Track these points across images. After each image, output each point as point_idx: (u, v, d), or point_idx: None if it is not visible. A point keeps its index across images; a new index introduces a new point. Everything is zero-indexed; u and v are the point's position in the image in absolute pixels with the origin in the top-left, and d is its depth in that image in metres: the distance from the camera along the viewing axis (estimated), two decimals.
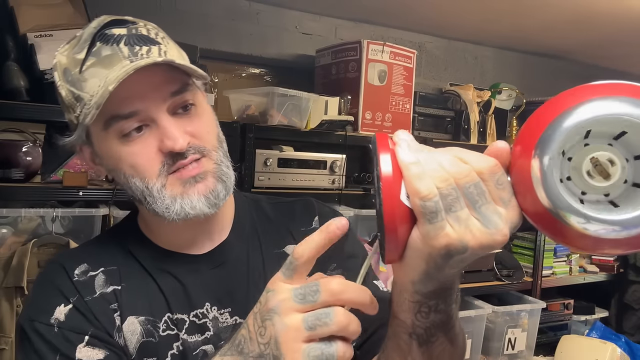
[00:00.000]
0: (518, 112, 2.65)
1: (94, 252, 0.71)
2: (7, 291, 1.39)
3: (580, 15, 2.17)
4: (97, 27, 0.64)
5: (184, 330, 0.68)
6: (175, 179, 0.64)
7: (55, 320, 0.64)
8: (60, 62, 0.64)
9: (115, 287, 0.68)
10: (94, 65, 0.61)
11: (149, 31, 0.66)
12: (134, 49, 0.61)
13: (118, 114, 0.62)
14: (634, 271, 2.92)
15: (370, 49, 2.01)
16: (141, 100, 0.62)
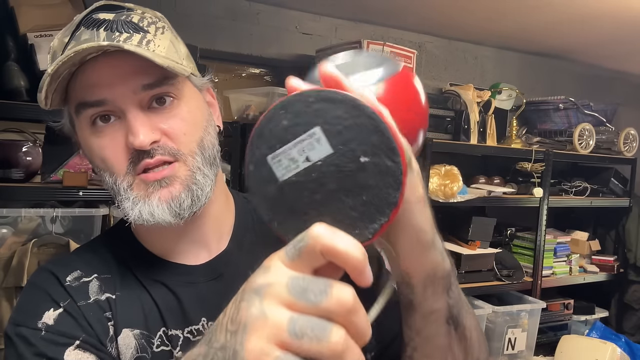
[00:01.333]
0: (518, 112, 2.65)
1: (86, 259, 0.66)
2: (7, 291, 1.39)
3: (581, 15, 2.17)
4: (88, 12, 0.62)
5: (178, 348, 0.63)
6: (141, 180, 0.59)
7: (43, 324, 0.59)
8: (53, 45, 0.63)
9: (109, 295, 0.63)
10: (70, 49, 0.57)
11: (142, 20, 0.61)
12: (112, 35, 0.57)
13: (85, 101, 0.58)
14: (634, 271, 2.92)
15: (370, 49, 2.01)
16: (109, 89, 0.57)
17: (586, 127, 2.66)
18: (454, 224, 2.43)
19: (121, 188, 0.60)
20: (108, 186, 0.61)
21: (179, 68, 0.59)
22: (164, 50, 0.60)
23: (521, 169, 2.50)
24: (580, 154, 2.67)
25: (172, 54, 0.61)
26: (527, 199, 2.51)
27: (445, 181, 2.18)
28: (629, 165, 2.92)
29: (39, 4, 1.58)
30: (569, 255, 2.74)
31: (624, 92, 3.35)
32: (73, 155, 1.63)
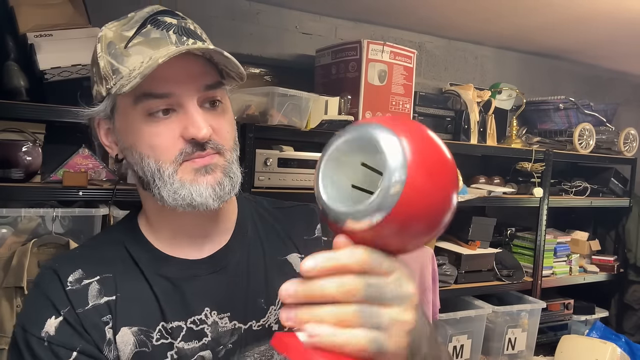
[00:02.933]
0: (518, 112, 2.65)
1: (91, 256, 0.70)
2: (7, 291, 1.39)
3: (580, 15, 2.17)
4: (150, 12, 0.67)
5: (180, 338, 0.67)
6: (188, 166, 0.65)
7: (46, 334, 0.63)
8: (106, 35, 0.67)
9: (109, 298, 0.67)
10: (140, 44, 0.64)
11: (196, 28, 0.68)
12: (181, 38, 0.64)
13: (152, 92, 0.63)
14: (634, 271, 2.92)
15: (370, 49, 2.01)
16: (177, 84, 0.63)
17: (586, 127, 2.66)
18: (454, 224, 2.41)
19: (165, 174, 0.65)
20: (148, 172, 0.66)
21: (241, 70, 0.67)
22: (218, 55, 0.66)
23: (521, 169, 2.50)
24: (580, 154, 2.67)
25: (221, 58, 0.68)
26: (527, 199, 2.51)
27: None
28: (629, 165, 2.92)
29: (39, 3, 1.58)
30: (569, 255, 2.74)
31: (624, 92, 3.35)
32: (73, 155, 1.63)
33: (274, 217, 0.80)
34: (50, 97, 1.50)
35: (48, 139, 1.62)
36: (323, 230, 0.80)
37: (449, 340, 2.18)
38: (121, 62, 0.64)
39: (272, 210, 0.81)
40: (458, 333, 2.20)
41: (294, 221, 0.80)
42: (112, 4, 1.93)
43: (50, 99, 1.50)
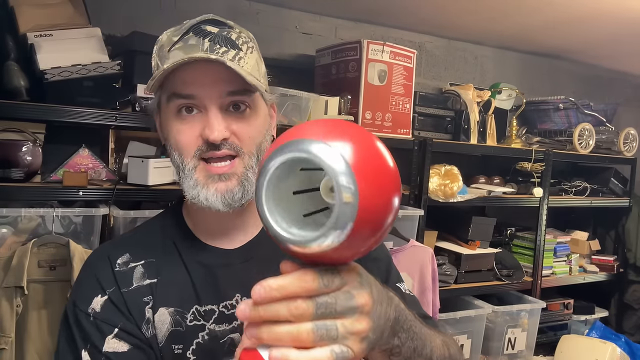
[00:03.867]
0: (518, 112, 2.65)
1: (138, 242, 0.78)
2: (7, 291, 1.39)
3: (581, 15, 2.17)
4: (197, 21, 0.75)
5: (212, 320, 0.74)
6: (204, 169, 0.72)
7: (92, 310, 0.71)
8: (162, 39, 0.75)
9: (151, 280, 0.74)
10: (178, 48, 0.70)
11: (239, 38, 0.74)
12: (214, 47, 0.70)
13: (178, 93, 0.71)
14: (634, 271, 2.92)
15: (370, 49, 2.01)
16: (201, 88, 0.70)
17: (586, 127, 2.66)
18: (454, 224, 2.43)
19: (186, 167, 0.72)
20: (175, 164, 0.74)
21: (257, 84, 0.71)
22: (250, 67, 0.72)
23: (521, 169, 2.50)
24: (580, 153, 2.67)
25: (255, 71, 0.74)
26: (527, 199, 2.51)
27: (445, 181, 2.18)
28: (629, 165, 2.92)
29: (39, 3, 1.57)
30: (569, 255, 2.74)
31: (624, 92, 3.35)
32: (73, 155, 1.63)
33: None
34: (50, 97, 1.50)
35: (48, 139, 1.62)
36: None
37: None
38: (162, 62, 0.71)
39: None
40: (458, 333, 2.20)
41: None
42: (112, 4, 1.93)
43: (50, 99, 1.50)
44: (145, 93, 1.52)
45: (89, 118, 1.54)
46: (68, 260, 1.46)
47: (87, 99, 1.56)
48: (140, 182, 1.63)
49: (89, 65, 1.53)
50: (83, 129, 1.72)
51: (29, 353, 1.43)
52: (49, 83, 1.47)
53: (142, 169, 1.63)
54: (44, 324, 1.45)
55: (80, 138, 1.69)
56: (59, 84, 1.49)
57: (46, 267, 1.46)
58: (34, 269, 1.44)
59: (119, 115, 1.59)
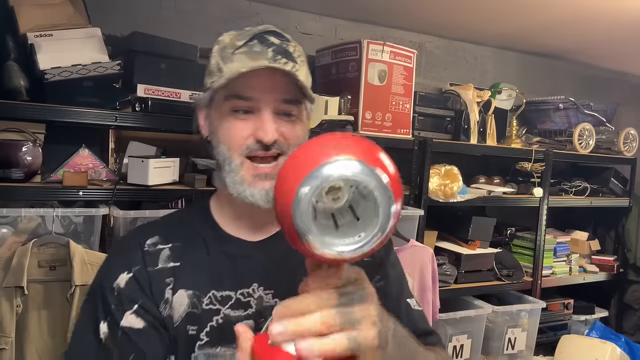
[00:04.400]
0: (518, 112, 2.65)
1: (168, 227, 0.85)
2: (7, 291, 1.39)
3: (580, 15, 2.17)
4: (261, 30, 0.80)
5: (227, 305, 0.79)
6: (252, 168, 0.78)
7: (117, 285, 0.77)
8: (223, 40, 0.81)
9: (175, 264, 0.80)
10: (243, 53, 0.77)
11: (294, 51, 0.80)
12: (276, 57, 0.76)
13: (239, 94, 0.77)
14: (634, 271, 2.92)
15: (370, 49, 2.01)
16: (260, 92, 0.77)
17: (586, 127, 2.66)
18: (454, 224, 2.43)
19: (233, 163, 0.79)
20: (221, 156, 0.80)
21: (311, 96, 0.80)
22: (302, 78, 0.78)
23: (521, 169, 2.50)
24: (580, 153, 2.67)
25: (306, 82, 0.80)
26: (527, 199, 2.51)
27: (445, 181, 2.18)
28: (629, 165, 2.92)
29: (39, 3, 1.57)
30: (569, 255, 2.75)
31: (623, 92, 3.35)
32: (73, 155, 1.63)
33: None
34: (50, 97, 1.50)
35: (48, 139, 1.62)
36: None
37: (449, 340, 2.18)
38: (225, 63, 0.78)
39: None
40: (458, 333, 2.20)
41: None
42: (112, 4, 1.93)
43: (51, 99, 1.50)
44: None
45: (89, 118, 1.54)
46: (68, 260, 1.46)
47: (87, 99, 1.56)
48: (140, 182, 1.63)
49: (89, 65, 1.53)
50: (83, 129, 1.72)
51: (29, 353, 1.43)
52: (49, 83, 1.47)
53: (142, 169, 1.63)
54: (44, 324, 1.45)
55: (80, 138, 1.69)
56: (59, 84, 1.49)
57: (46, 267, 1.46)
58: (34, 269, 1.44)
59: (119, 115, 1.59)
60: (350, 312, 0.51)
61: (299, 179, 0.47)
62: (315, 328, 0.50)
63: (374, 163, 0.48)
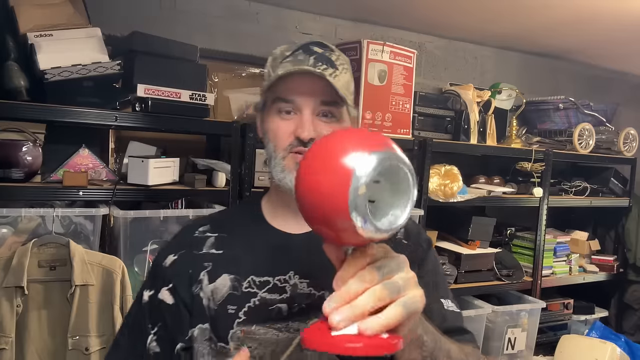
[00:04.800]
0: (518, 112, 2.65)
1: (219, 219, 0.98)
2: (7, 291, 1.39)
3: (581, 15, 2.17)
4: (307, 42, 0.90)
5: (265, 289, 0.87)
6: (293, 157, 0.86)
7: (164, 264, 0.91)
8: (276, 52, 0.91)
9: (218, 251, 0.91)
10: (288, 61, 0.86)
11: (337, 60, 0.88)
12: (317, 64, 0.85)
13: (283, 97, 0.86)
14: (633, 271, 2.92)
15: (370, 49, 2.01)
16: (300, 95, 0.86)
17: (586, 127, 2.66)
18: (454, 224, 2.43)
19: (278, 156, 0.87)
20: (268, 152, 0.90)
21: (347, 98, 0.87)
22: (341, 84, 0.86)
23: (521, 169, 2.50)
24: (580, 153, 2.67)
25: (345, 88, 0.87)
26: (527, 199, 2.51)
27: (445, 181, 2.18)
28: (629, 165, 2.92)
29: (39, 3, 1.58)
30: (569, 255, 2.75)
31: (623, 92, 3.35)
32: (73, 155, 1.63)
33: None
34: (50, 97, 1.51)
35: (48, 139, 1.62)
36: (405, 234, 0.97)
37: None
38: (273, 71, 0.88)
39: None
40: None
41: None
42: (112, 4, 1.93)
43: (51, 99, 1.50)
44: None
45: (89, 118, 1.54)
46: (68, 260, 1.46)
47: (87, 99, 1.56)
48: (140, 182, 1.63)
49: (89, 65, 1.53)
50: (83, 129, 1.72)
51: (29, 353, 1.43)
52: (49, 83, 1.48)
53: (142, 169, 1.63)
54: (44, 324, 1.46)
55: (80, 138, 1.69)
56: (59, 84, 1.49)
57: (46, 267, 1.46)
58: (34, 269, 1.44)
59: (119, 115, 1.59)
60: (394, 282, 0.56)
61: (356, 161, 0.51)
62: (369, 306, 0.54)
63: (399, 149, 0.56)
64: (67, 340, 1.44)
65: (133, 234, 1.60)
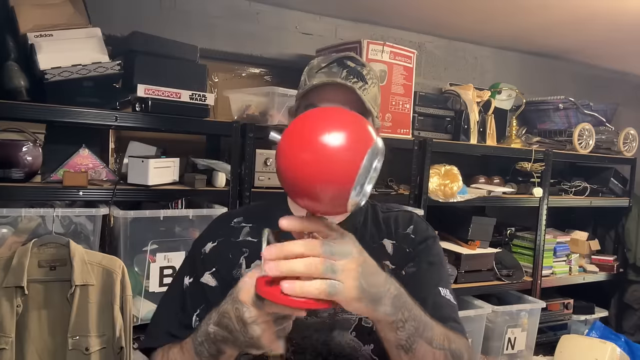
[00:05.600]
0: (518, 112, 2.65)
1: (252, 211, 1.08)
2: (7, 291, 1.39)
3: (580, 15, 2.17)
4: (341, 56, 0.98)
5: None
6: None
7: (204, 251, 1.00)
8: (313, 62, 1.00)
9: (253, 239, 1.00)
10: (323, 72, 0.95)
11: (367, 74, 0.97)
12: (348, 77, 0.94)
13: (315, 104, 0.93)
14: (633, 271, 2.93)
15: (370, 49, 2.01)
16: (330, 103, 0.92)
17: (586, 127, 2.67)
18: (454, 224, 2.43)
19: None
20: None
21: (373, 111, 0.97)
22: (370, 97, 0.96)
23: (521, 169, 2.50)
24: (580, 153, 2.67)
25: (372, 101, 0.97)
26: (527, 199, 2.51)
27: (445, 181, 2.18)
28: (629, 165, 2.92)
29: (39, 3, 1.58)
30: (569, 255, 2.75)
31: (623, 92, 3.35)
32: (73, 155, 1.63)
33: (382, 216, 1.06)
34: (50, 97, 1.51)
35: (48, 139, 1.62)
36: (414, 230, 1.03)
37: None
38: (308, 79, 0.96)
39: (381, 211, 1.08)
40: None
41: (395, 219, 1.06)
42: (112, 4, 1.93)
43: (51, 99, 1.51)
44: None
45: (89, 118, 1.54)
46: (68, 260, 1.46)
47: (87, 99, 1.56)
48: (140, 182, 1.63)
49: (89, 65, 1.53)
50: (83, 129, 1.73)
51: (29, 353, 1.43)
52: (49, 83, 1.48)
53: (142, 169, 1.63)
54: (44, 323, 1.46)
55: (80, 138, 1.69)
56: (59, 84, 1.49)
57: (46, 267, 1.46)
58: (34, 269, 1.44)
59: (119, 115, 1.59)
60: (333, 264, 0.62)
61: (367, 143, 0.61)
62: (299, 270, 0.61)
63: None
64: (67, 340, 1.44)
65: (133, 234, 1.60)
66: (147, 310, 1.59)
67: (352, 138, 0.60)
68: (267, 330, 0.69)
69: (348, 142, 0.59)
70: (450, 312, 0.95)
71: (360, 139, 0.61)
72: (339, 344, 0.92)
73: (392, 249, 0.99)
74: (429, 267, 0.99)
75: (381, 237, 1.03)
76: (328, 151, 0.58)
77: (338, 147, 0.59)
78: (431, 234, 1.04)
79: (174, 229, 1.73)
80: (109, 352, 1.48)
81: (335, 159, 0.58)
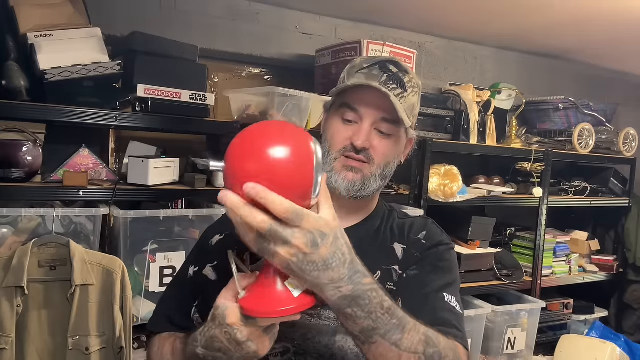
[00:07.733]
0: (518, 112, 2.65)
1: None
2: (7, 291, 1.39)
3: (580, 15, 2.17)
4: (384, 59, 0.97)
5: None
6: (343, 160, 0.95)
7: (211, 242, 1.01)
8: (356, 61, 0.99)
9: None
10: (363, 73, 0.94)
11: (408, 82, 0.95)
12: (387, 82, 0.93)
13: (348, 104, 0.94)
14: (633, 271, 2.93)
15: (370, 49, 2.01)
16: (365, 107, 0.93)
17: (586, 127, 2.67)
18: (454, 224, 2.43)
19: (330, 157, 0.95)
20: (324, 150, 0.95)
21: (406, 120, 0.93)
22: (406, 106, 0.94)
23: (521, 169, 2.50)
24: (580, 153, 2.67)
25: (410, 110, 0.95)
26: (527, 199, 2.51)
27: (445, 181, 2.18)
28: (629, 165, 2.92)
29: (39, 4, 1.58)
30: (569, 255, 2.75)
31: (623, 92, 3.35)
32: (73, 155, 1.63)
33: (398, 222, 1.06)
34: (50, 97, 1.51)
35: (48, 139, 1.62)
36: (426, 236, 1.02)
37: None
38: (348, 78, 0.96)
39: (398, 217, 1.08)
40: None
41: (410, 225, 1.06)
42: (112, 4, 1.93)
43: (51, 99, 1.51)
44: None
45: (89, 118, 1.54)
46: (68, 260, 1.46)
47: (87, 99, 1.56)
48: (140, 182, 1.63)
49: (89, 65, 1.53)
50: (83, 129, 1.73)
51: (29, 353, 1.43)
52: (49, 83, 1.48)
53: (142, 169, 1.63)
54: (44, 323, 1.46)
55: (80, 138, 1.69)
56: (59, 84, 1.49)
57: (46, 267, 1.46)
58: (34, 269, 1.44)
59: (119, 115, 1.59)
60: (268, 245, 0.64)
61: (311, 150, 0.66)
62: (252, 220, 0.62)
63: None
64: (68, 340, 1.44)
65: (133, 234, 1.60)
66: (147, 310, 1.59)
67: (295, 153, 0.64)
68: (261, 342, 0.71)
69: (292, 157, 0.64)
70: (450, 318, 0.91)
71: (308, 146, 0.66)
72: (342, 349, 0.90)
73: (402, 254, 0.98)
74: (434, 270, 0.96)
75: (393, 241, 1.02)
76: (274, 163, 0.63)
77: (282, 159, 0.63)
78: (445, 241, 1.03)
79: (174, 229, 1.73)
80: (109, 352, 1.48)
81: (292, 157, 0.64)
